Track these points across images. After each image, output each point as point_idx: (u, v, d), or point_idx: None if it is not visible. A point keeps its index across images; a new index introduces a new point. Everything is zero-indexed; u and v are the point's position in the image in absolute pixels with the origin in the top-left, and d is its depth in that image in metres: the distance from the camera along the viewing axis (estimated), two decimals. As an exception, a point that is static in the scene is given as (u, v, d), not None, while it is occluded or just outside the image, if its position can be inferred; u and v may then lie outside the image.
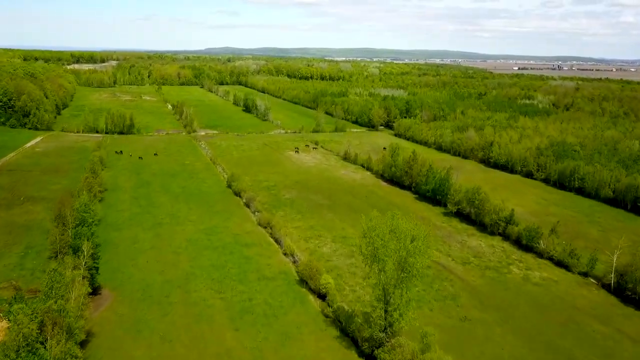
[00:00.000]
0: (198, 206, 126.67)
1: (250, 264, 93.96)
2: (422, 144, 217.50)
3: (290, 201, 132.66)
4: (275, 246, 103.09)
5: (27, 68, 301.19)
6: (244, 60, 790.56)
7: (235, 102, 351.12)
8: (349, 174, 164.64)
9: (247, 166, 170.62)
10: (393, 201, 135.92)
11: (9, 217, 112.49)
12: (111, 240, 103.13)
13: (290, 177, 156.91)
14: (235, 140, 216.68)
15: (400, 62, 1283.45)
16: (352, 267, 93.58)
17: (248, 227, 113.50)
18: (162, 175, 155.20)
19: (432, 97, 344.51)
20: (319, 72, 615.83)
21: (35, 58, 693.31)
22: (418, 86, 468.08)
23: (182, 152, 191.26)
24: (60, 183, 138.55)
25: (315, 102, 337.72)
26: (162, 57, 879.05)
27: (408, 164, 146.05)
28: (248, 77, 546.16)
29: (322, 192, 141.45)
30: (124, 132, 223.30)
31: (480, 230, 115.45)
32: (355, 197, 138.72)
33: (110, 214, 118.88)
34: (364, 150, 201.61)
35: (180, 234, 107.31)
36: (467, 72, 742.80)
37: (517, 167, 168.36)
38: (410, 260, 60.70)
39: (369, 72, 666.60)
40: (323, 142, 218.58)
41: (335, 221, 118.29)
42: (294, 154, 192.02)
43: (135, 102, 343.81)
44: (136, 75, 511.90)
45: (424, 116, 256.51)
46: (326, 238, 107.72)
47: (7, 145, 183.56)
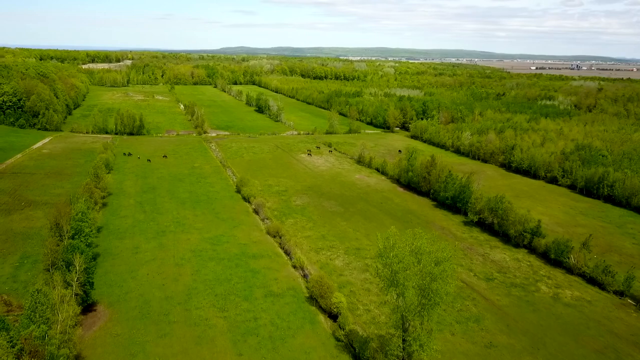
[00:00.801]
0: (205, 213, 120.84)
1: (256, 278, 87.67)
2: (440, 147, 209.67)
3: (301, 208, 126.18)
4: (284, 258, 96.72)
5: (39, 68, 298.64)
6: (257, 59, 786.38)
7: (247, 102, 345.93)
8: (363, 178, 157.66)
9: (257, 169, 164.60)
10: (410, 209, 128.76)
11: (7, 224, 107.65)
12: (112, 249, 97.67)
13: (301, 182, 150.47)
14: (246, 142, 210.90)
15: (415, 61, 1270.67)
16: (366, 283, 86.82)
17: (256, 236, 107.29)
18: (170, 179, 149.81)
19: (449, 98, 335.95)
20: (333, 71, 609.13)
21: (51, 57, 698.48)
22: (434, 86, 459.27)
23: (191, 154, 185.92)
24: (63, 187, 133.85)
25: (329, 103, 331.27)
26: (176, 57, 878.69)
27: (426, 169, 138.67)
28: (261, 76, 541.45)
29: (334, 198, 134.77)
30: (133, 133, 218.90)
31: (503, 242, 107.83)
32: (369, 203, 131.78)
33: (112, 220, 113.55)
34: (378, 152, 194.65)
35: (185, 244, 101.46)
36: (484, 72, 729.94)
37: (540, 172, 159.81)
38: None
39: (384, 71, 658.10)
40: (336, 144, 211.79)
41: (348, 230, 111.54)
42: (306, 157, 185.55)
43: (147, 102, 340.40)
44: (150, 75, 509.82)
45: (441, 118, 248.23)
46: (338, 249, 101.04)
47: (14, 147, 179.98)
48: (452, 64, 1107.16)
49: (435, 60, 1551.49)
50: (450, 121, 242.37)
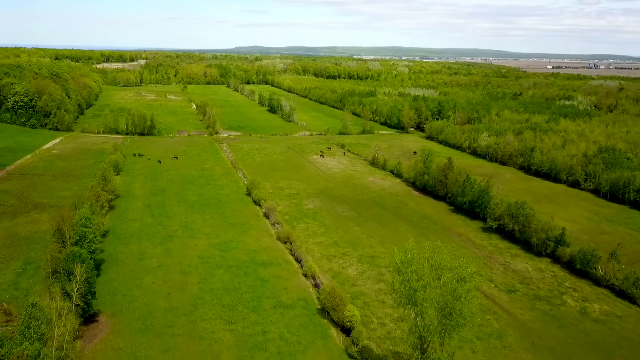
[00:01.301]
0: (214, 217, 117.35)
1: (266, 287, 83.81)
2: (456, 149, 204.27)
3: (313, 212, 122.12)
4: (295, 266, 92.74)
5: (52, 68, 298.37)
6: (271, 59, 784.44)
7: (260, 102, 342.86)
8: (377, 181, 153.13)
9: (268, 172, 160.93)
10: (426, 214, 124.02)
11: (12, 228, 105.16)
12: (117, 255, 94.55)
13: (314, 185, 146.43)
14: (258, 143, 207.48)
15: (429, 60, 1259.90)
16: (381, 294, 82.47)
17: (266, 242, 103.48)
18: (179, 182, 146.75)
19: (464, 98, 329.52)
20: (346, 71, 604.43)
21: (67, 57, 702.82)
22: (449, 86, 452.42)
23: (202, 155, 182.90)
24: (70, 190, 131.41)
25: (342, 103, 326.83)
26: (190, 56, 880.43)
27: (443, 172, 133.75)
28: (274, 76, 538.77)
29: (348, 202, 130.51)
30: (144, 134, 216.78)
31: (525, 250, 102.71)
32: (384, 208, 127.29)
33: (119, 224, 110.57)
34: (393, 154, 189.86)
35: (192, 250, 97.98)
36: (499, 72, 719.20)
37: (562, 176, 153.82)
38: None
39: (398, 71, 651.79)
40: (350, 145, 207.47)
41: (362, 237, 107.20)
42: (318, 159, 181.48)
43: (160, 102, 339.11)
44: (163, 75, 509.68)
45: (457, 118, 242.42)
46: (352, 257, 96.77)
47: (25, 147, 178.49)
48: (467, 64, 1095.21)
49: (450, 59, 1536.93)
50: (467, 122, 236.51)
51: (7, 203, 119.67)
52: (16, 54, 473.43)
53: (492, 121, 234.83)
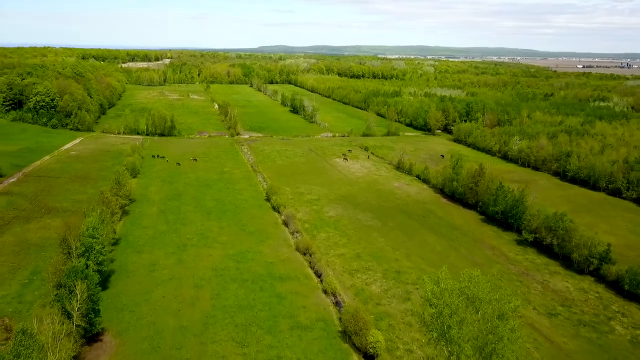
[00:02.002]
0: (230, 224, 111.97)
1: (282, 304, 77.79)
2: (485, 152, 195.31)
3: (335, 220, 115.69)
4: (314, 280, 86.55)
5: (76, 67, 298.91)
6: (294, 58, 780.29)
7: (282, 102, 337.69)
8: (402, 187, 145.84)
9: (289, 175, 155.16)
10: (455, 223, 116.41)
11: (22, 234, 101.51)
12: (128, 265, 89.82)
13: (335, 190, 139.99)
14: (279, 145, 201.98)
15: (455, 59, 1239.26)
16: (407, 315, 75.64)
17: (284, 252, 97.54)
18: (197, 185, 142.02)
19: (492, 98, 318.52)
20: (371, 70, 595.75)
21: (93, 57, 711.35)
22: (476, 86, 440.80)
23: (221, 157, 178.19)
24: (85, 193, 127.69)
25: (366, 103, 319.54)
26: (214, 55, 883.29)
27: (473, 178, 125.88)
28: (298, 75, 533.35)
29: (371, 210, 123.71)
30: (164, 134, 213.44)
31: (564, 266, 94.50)
32: (410, 216, 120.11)
33: (132, 231, 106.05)
34: (419, 157, 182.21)
35: (206, 261, 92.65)
36: (528, 71, 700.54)
37: (601, 183, 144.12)
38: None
39: (423, 70, 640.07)
40: (373, 147, 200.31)
41: (386, 249, 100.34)
42: (341, 162, 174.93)
43: (182, 101, 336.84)
44: (186, 74, 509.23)
45: (485, 120, 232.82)
46: (376, 272, 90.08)
47: (43, 148, 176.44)
48: (493, 63, 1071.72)
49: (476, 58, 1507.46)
50: (496, 124, 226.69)
51: (20, 207, 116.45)
52: (43, 53, 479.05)
53: (523, 123, 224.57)
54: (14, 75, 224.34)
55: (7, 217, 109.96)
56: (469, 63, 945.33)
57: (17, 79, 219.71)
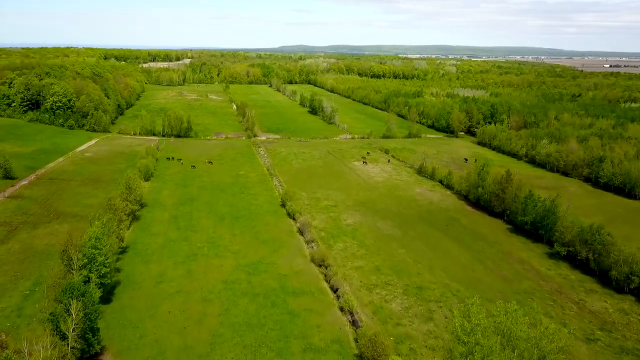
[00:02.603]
0: (243, 232, 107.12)
1: (295, 323, 72.42)
2: (511, 156, 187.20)
3: (352, 229, 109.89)
4: (329, 296, 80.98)
5: (95, 67, 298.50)
6: (314, 58, 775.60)
7: (301, 102, 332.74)
8: (424, 192, 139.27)
9: (306, 179, 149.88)
10: (481, 233, 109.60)
11: (29, 240, 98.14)
12: (134, 276, 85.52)
13: (353, 196, 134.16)
14: (296, 147, 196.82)
15: (477, 59, 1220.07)
16: (430, 337, 69.54)
17: (299, 264, 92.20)
18: (211, 189, 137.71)
19: (517, 99, 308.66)
20: (391, 70, 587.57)
21: (115, 57, 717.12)
22: (500, 86, 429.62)
23: (237, 160, 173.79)
24: (96, 197, 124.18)
25: (387, 103, 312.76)
26: (234, 55, 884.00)
27: (500, 185, 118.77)
28: (317, 75, 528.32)
29: (391, 218, 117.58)
30: (180, 135, 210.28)
31: (602, 284, 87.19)
32: (433, 225, 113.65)
33: (142, 238, 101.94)
34: (442, 161, 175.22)
35: (217, 272, 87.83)
36: (553, 70, 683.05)
37: (637, 190, 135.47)
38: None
39: (445, 70, 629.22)
40: (394, 150, 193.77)
41: (407, 261, 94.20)
42: (360, 165, 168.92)
43: (200, 102, 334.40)
44: (206, 74, 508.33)
45: (511, 122, 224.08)
46: (396, 287, 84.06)
47: (58, 149, 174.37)
48: (517, 62, 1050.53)
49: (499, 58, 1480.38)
50: (523, 126, 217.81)
51: (29, 211, 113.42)
52: (65, 54, 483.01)
53: (551, 125, 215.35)
54: (32, 76, 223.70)
55: (15, 222, 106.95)
56: (491, 63, 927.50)
57: (34, 80, 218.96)
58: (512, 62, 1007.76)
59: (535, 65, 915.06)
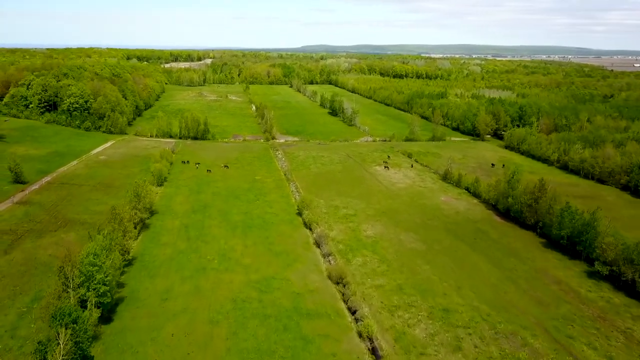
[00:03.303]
0: (256, 243, 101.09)
1: (308, 350, 65.92)
2: (542, 161, 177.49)
3: (373, 241, 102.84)
4: (347, 318, 74.23)
5: (115, 68, 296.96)
6: (335, 58, 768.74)
7: (321, 103, 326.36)
8: (450, 201, 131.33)
9: (324, 185, 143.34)
10: (512, 248, 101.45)
11: (33, 250, 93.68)
12: (139, 292, 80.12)
13: (374, 204, 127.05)
14: (315, 151, 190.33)
15: (502, 58, 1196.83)
16: (459, 371, 62.24)
17: (314, 280, 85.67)
18: (225, 196, 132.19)
19: (546, 100, 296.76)
20: (414, 70, 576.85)
21: (137, 57, 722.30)
22: (527, 86, 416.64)
23: (254, 164, 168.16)
24: (106, 203, 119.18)
25: (410, 104, 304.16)
26: (255, 55, 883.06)
27: (532, 195, 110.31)
28: (338, 75, 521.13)
29: (414, 229, 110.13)
30: (197, 138, 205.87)
31: (650, 309, 78.51)
32: (459, 238, 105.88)
33: (150, 249, 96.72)
34: (468, 166, 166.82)
35: (226, 289, 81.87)
36: (582, 70, 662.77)
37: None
38: None
39: (469, 70, 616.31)
40: (417, 154, 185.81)
41: (432, 279, 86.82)
42: (381, 170, 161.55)
43: (220, 103, 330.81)
44: (226, 74, 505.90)
45: (541, 125, 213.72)
46: (420, 309, 76.82)
47: (73, 152, 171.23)
48: (543, 62, 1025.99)
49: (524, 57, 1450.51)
50: (553, 129, 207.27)
51: (36, 218, 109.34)
52: (87, 54, 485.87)
53: (583, 128, 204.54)
54: (50, 77, 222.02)
55: (21, 230, 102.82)
56: (517, 62, 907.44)
57: (52, 81, 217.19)
58: (538, 62, 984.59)
59: (562, 64, 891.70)
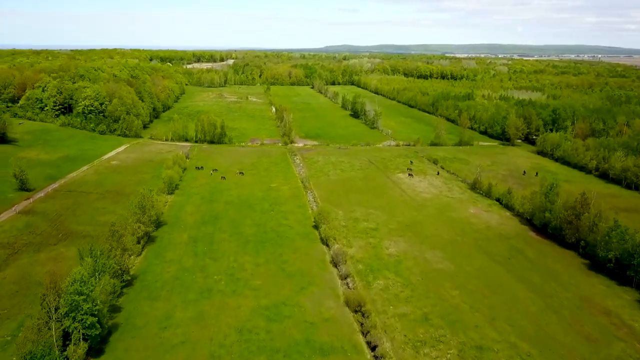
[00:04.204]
0: (268, 260, 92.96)
1: (321, 396, 57.27)
2: (578, 169, 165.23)
3: (396, 261, 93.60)
4: (365, 356, 65.42)
5: (134, 69, 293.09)
6: (358, 58, 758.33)
7: (343, 105, 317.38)
8: (480, 214, 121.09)
9: (343, 194, 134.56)
10: (551, 270, 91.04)
11: (28, 267, 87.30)
12: (136, 318, 72.64)
13: (398, 216, 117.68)
14: (335, 156, 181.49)
15: (529, 58, 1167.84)
16: None
17: (330, 307, 76.98)
18: (238, 205, 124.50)
19: (579, 102, 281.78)
20: (439, 70, 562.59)
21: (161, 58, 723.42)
22: (557, 87, 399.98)
23: (271, 170, 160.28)
24: (113, 213, 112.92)
25: (435, 106, 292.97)
26: (278, 56, 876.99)
27: (573, 210, 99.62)
28: (361, 76, 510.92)
29: (441, 247, 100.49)
30: (214, 142, 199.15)
31: None
32: (492, 258, 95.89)
33: (153, 266, 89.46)
34: (498, 174, 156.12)
35: (232, 316, 73.80)
36: (614, 70, 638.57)
37: None
38: None
39: (496, 70, 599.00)
40: (443, 160, 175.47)
41: (462, 308, 77.24)
42: (405, 178, 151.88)
43: (240, 105, 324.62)
44: (247, 75, 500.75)
45: (576, 129, 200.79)
46: (449, 345, 67.43)
47: (85, 156, 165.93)
48: (572, 61, 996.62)
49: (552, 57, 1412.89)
50: (590, 134, 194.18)
51: (37, 230, 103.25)
52: (110, 55, 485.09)
53: (622, 133, 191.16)
54: (66, 79, 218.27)
55: (19, 243, 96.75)
56: (545, 62, 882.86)
57: (67, 83, 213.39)
58: (568, 62, 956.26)
59: (593, 64, 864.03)
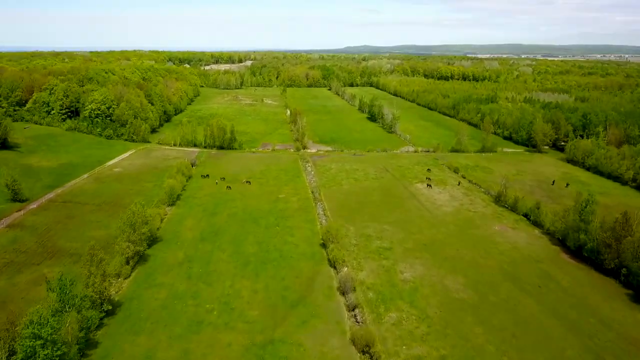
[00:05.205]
0: (268, 286, 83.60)
1: None
2: (613, 179, 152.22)
3: (411, 288, 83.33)
4: (373, 412, 55.42)
5: (147, 72, 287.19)
6: (377, 59, 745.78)
7: (360, 107, 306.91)
8: (506, 231, 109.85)
9: (355, 207, 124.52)
10: (590, 302, 79.75)
11: (4, 291, 79.46)
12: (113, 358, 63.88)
13: (414, 233, 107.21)
14: (349, 163, 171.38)
15: (554, 58, 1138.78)
16: None
17: (334, 347, 67.22)
18: (242, 219, 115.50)
19: (609, 105, 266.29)
20: (460, 71, 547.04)
21: (179, 59, 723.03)
22: (585, 89, 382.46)
23: (280, 178, 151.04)
24: (107, 227, 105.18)
25: (456, 109, 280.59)
26: (296, 57, 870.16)
27: (612, 232, 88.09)
28: (380, 77, 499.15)
29: (463, 271, 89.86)
30: (223, 147, 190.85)
31: None
32: (519, 285, 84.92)
33: (140, 292, 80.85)
34: (524, 184, 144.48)
35: (221, 356, 64.64)
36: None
37: None
38: None
39: (519, 71, 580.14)
40: (465, 168, 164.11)
41: (488, 350, 66.62)
42: (423, 189, 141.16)
43: (254, 107, 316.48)
44: (264, 77, 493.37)
45: (609, 135, 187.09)
46: (472, 401, 57.10)
47: (88, 163, 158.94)
48: (599, 62, 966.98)
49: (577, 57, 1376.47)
50: (624, 141, 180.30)
51: (22, 247, 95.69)
52: (127, 57, 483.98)
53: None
54: (74, 82, 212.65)
55: (0, 262, 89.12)
56: (571, 62, 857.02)
57: (74, 86, 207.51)
58: (594, 62, 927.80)
59: (621, 64, 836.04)
